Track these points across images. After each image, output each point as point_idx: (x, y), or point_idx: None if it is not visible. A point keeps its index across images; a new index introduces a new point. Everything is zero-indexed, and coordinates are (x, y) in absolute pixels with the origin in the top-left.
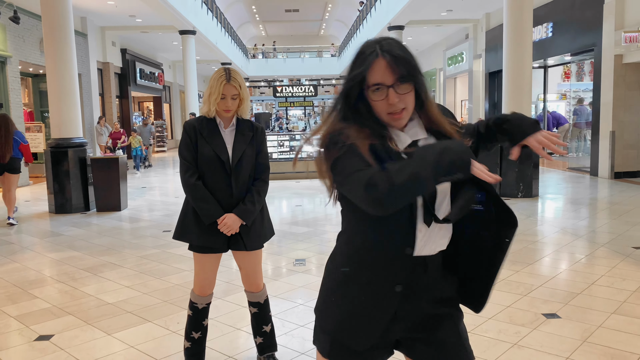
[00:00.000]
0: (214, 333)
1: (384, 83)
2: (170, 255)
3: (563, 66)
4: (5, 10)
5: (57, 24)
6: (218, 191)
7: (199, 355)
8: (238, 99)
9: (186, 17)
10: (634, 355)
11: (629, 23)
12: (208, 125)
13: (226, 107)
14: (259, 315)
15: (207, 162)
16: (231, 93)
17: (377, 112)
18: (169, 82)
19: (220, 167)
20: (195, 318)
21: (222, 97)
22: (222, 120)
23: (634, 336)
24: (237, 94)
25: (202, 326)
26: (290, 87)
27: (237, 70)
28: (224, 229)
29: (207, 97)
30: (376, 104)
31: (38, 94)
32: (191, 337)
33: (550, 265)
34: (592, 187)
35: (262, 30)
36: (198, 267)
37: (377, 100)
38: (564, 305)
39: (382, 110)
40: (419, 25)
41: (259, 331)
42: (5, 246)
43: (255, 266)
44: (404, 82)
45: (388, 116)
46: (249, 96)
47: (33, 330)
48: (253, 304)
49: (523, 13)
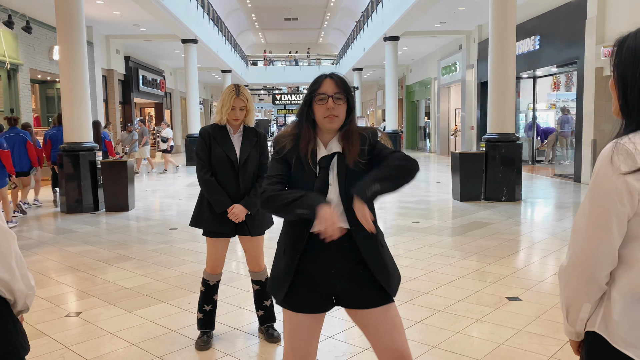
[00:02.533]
0: (222, 310)
1: (326, 93)
2: (178, 249)
3: (552, 77)
4: (18, 20)
5: (71, 35)
6: (227, 185)
7: (210, 324)
8: (245, 110)
9: (188, 26)
10: None
11: (609, 37)
12: (220, 132)
13: (235, 117)
14: (260, 291)
15: (219, 161)
16: (239, 105)
17: (317, 116)
18: (170, 88)
19: (230, 166)
20: (207, 293)
21: (232, 109)
22: (231, 127)
23: None
24: (245, 105)
25: (213, 300)
26: (289, 95)
27: (245, 88)
28: (232, 217)
29: (220, 108)
30: (318, 107)
31: (45, 99)
32: (203, 309)
33: (521, 259)
34: (574, 192)
35: (262, 38)
36: (210, 249)
37: (320, 105)
38: (526, 290)
39: (321, 113)
40: (414, 36)
41: (261, 305)
42: (25, 241)
43: (258, 249)
44: (340, 96)
45: (324, 119)
46: (254, 108)
47: (62, 308)
48: (256, 282)
49: (507, 28)
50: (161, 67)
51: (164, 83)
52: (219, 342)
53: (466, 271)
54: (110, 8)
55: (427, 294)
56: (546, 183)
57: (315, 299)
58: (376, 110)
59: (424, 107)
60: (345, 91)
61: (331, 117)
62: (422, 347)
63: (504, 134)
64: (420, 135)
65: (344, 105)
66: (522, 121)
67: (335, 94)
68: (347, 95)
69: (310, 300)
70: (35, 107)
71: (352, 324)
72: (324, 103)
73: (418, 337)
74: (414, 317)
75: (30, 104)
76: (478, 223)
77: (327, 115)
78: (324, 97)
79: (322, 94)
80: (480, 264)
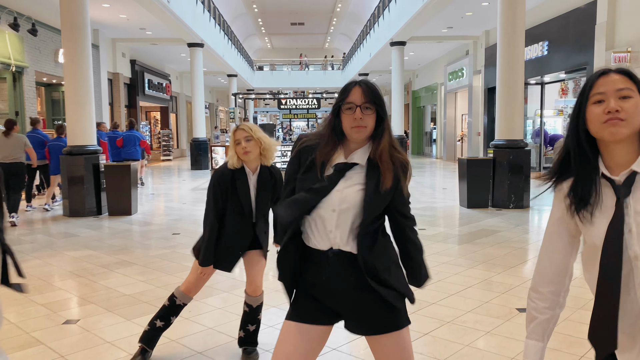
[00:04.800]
0: (224, 319)
1: (354, 102)
2: (180, 254)
3: (560, 83)
4: (24, 23)
5: (75, 38)
6: (242, 231)
7: (153, 340)
8: (253, 140)
9: (195, 30)
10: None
11: (619, 43)
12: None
13: (245, 151)
14: (248, 314)
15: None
16: (242, 136)
17: (344, 126)
18: (176, 92)
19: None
20: (168, 311)
21: (237, 143)
22: (248, 167)
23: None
24: (249, 135)
25: (169, 320)
26: (295, 100)
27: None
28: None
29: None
30: (345, 117)
31: (50, 102)
32: (153, 322)
33: (530, 268)
34: None
35: (268, 43)
36: (195, 275)
37: (347, 115)
38: None
39: (348, 123)
40: (421, 41)
41: (244, 327)
42: (27, 245)
43: (261, 272)
44: (369, 105)
45: (352, 129)
46: (272, 145)
47: (60, 315)
48: (248, 305)
49: (515, 33)
50: (167, 71)
51: (170, 87)
52: (224, 353)
53: (474, 280)
54: (116, 11)
55: (435, 304)
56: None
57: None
58: None
59: (430, 112)
60: (374, 101)
61: (359, 127)
62: (426, 359)
63: (512, 140)
64: (426, 141)
65: (372, 116)
66: (529, 127)
67: (364, 103)
68: (376, 106)
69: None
70: (40, 109)
71: (356, 336)
72: (352, 113)
73: (426, 350)
74: (421, 329)
75: (36, 107)
76: (486, 231)
77: (354, 125)
78: (351, 107)
79: (350, 103)
80: (489, 273)
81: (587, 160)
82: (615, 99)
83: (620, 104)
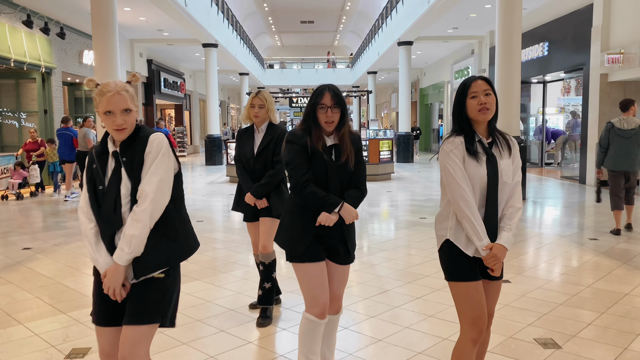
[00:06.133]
0: (252, 286)
1: (326, 104)
2: (207, 238)
3: (563, 81)
4: (53, 27)
5: (105, 42)
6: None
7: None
8: (265, 109)
9: (210, 31)
10: (559, 297)
11: (614, 45)
12: (248, 131)
13: (254, 114)
14: (264, 272)
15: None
16: (257, 103)
17: (319, 120)
18: (190, 90)
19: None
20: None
21: (252, 106)
22: (255, 125)
23: (557, 293)
24: (262, 104)
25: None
26: (305, 99)
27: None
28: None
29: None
30: (320, 115)
31: (73, 100)
32: (263, 286)
33: (515, 248)
34: (577, 193)
35: (278, 41)
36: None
37: (321, 113)
38: (517, 275)
39: (322, 119)
40: (427, 41)
41: (262, 285)
42: (66, 230)
43: (272, 232)
44: (336, 107)
45: (325, 124)
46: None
47: None
48: (262, 263)
49: (512, 37)
50: (181, 70)
51: (184, 85)
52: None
53: None
54: (136, 14)
55: (428, 276)
56: (553, 184)
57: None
58: (390, 112)
59: (437, 109)
60: (339, 103)
61: (329, 122)
62: (419, 316)
63: None
64: (433, 137)
65: (338, 113)
66: (532, 124)
67: (332, 105)
68: (340, 106)
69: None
70: (64, 108)
71: (365, 317)
72: (324, 112)
73: (418, 309)
74: (415, 294)
75: (62, 105)
76: None
77: (326, 121)
78: (323, 107)
79: (322, 104)
80: None
81: (470, 132)
82: (483, 96)
83: (486, 99)
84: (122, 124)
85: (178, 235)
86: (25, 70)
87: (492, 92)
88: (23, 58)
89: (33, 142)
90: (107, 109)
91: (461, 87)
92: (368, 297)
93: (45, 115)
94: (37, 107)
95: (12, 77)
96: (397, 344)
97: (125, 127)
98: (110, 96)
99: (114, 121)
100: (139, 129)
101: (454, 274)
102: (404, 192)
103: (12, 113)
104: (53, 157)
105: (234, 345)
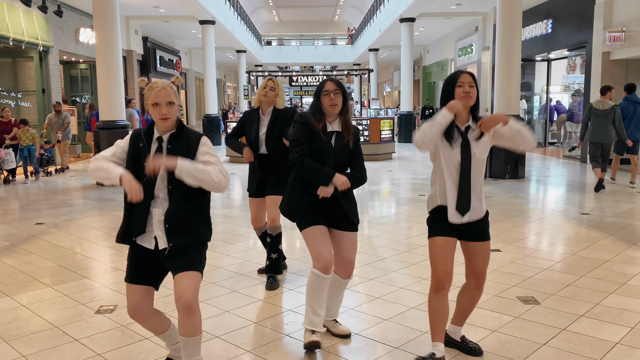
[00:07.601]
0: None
1: (329, 90)
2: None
3: (568, 59)
4: (50, 5)
5: (106, 20)
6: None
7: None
8: (275, 92)
9: (207, 7)
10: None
11: (616, 23)
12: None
13: (264, 93)
14: (271, 244)
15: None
16: (270, 85)
17: (323, 105)
18: (186, 68)
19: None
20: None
21: (264, 87)
22: (262, 109)
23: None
24: (273, 87)
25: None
26: (306, 77)
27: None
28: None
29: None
30: (324, 99)
31: (69, 80)
32: (270, 257)
33: (508, 222)
34: (576, 171)
35: (275, 16)
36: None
37: (325, 97)
38: (507, 245)
39: (326, 103)
40: (430, 17)
41: (269, 256)
42: (72, 207)
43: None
44: (338, 92)
45: (329, 107)
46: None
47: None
48: (270, 235)
49: (513, 14)
50: (177, 47)
51: (180, 63)
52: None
53: None
54: None
55: (423, 246)
56: (553, 163)
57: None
58: (393, 91)
59: (441, 88)
60: (340, 88)
61: (333, 105)
62: (413, 279)
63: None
64: None
65: (340, 97)
66: (537, 103)
67: (334, 90)
68: (342, 91)
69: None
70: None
71: (372, 298)
72: (328, 96)
73: (413, 273)
74: (409, 260)
75: (60, 84)
76: None
77: (330, 104)
78: (327, 93)
79: (326, 90)
80: None
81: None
82: (468, 87)
83: (470, 90)
84: (166, 114)
85: (207, 219)
86: (23, 49)
87: (475, 86)
88: (21, 37)
89: (6, 122)
90: (154, 101)
91: (450, 77)
92: (367, 263)
93: (44, 94)
94: (35, 87)
95: (9, 56)
96: (393, 301)
97: (168, 117)
98: (157, 90)
99: (160, 111)
100: (182, 125)
101: (431, 232)
102: (404, 171)
103: (7, 92)
104: (26, 140)
105: (246, 302)
